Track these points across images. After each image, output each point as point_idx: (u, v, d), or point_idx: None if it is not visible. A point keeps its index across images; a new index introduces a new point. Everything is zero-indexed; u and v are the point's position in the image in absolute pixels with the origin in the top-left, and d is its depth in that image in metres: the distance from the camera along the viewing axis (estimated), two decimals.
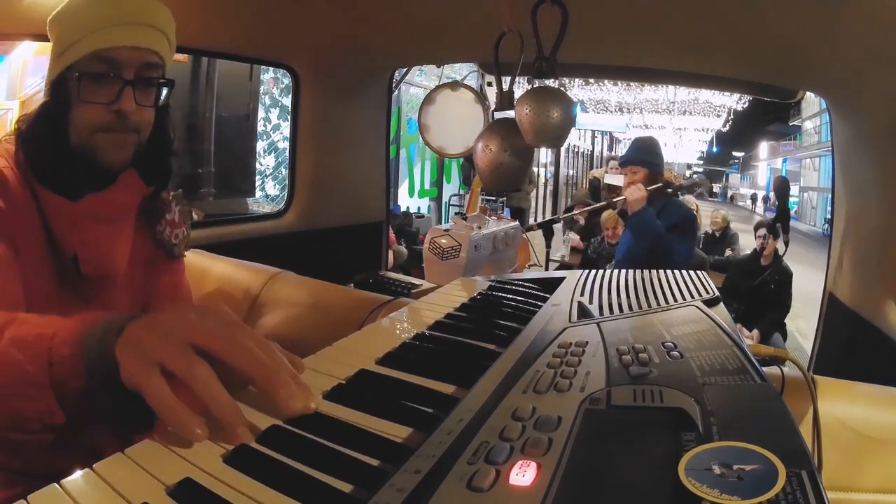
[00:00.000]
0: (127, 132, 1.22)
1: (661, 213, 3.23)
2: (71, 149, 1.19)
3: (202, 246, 2.24)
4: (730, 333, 0.80)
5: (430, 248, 2.32)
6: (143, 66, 1.21)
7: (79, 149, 1.19)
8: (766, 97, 3.39)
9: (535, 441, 0.54)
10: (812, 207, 30.49)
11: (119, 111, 1.18)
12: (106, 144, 1.20)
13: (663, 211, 3.26)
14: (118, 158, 1.23)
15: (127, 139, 1.23)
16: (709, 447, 0.50)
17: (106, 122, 1.19)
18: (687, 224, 3.31)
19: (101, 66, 1.17)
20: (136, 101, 1.20)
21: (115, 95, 1.18)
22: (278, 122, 7.54)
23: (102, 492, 0.54)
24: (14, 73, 4.91)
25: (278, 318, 1.84)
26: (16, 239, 1.12)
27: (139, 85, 1.21)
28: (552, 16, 1.56)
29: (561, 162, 20.22)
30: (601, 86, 13.25)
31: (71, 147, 1.19)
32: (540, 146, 1.79)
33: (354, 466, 0.59)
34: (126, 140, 1.23)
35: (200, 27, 2.27)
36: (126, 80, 1.18)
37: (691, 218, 3.42)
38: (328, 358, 0.88)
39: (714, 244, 8.31)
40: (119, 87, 1.18)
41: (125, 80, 1.18)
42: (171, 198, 1.45)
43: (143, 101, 1.23)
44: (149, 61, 1.22)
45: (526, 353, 0.81)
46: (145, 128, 1.26)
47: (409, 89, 10.34)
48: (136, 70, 1.20)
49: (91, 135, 1.19)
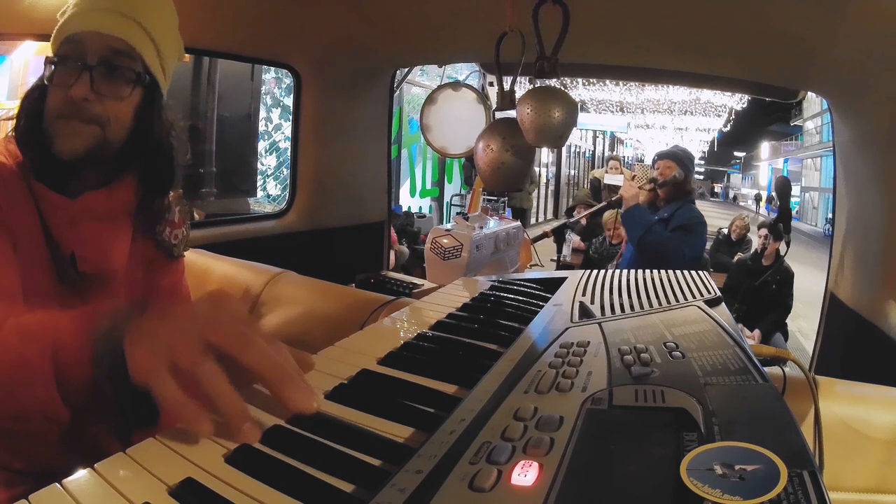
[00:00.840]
0: (83, 121, 1.17)
1: (675, 215, 3.50)
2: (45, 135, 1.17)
3: (204, 246, 2.25)
4: (731, 334, 0.80)
5: (432, 247, 2.32)
6: (107, 52, 1.17)
7: (47, 134, 1.17)
8: (767, 97, 3.40)
9: (537, 441, 0.54)
10: (813, 207, 30.47)
11: (70, 97, 1.14)
12: (61, 131, 1.16)
13: (676, 213, 3.51)
14: (69, 147, 1.17)
15: (81, 129, 1.17)
16: (710, 447, 0.50)
17: (62, 108, 1.16)
18: (694, 225, 3.50)
19: (68, 49, 1.16)
20: (94, 88, 1.16)
21: (74, 80, 1.15)
22: (280, 122, 7.55)
23: (104, 491, 0.55)
24: (15, 72, 4.91)
25: (280, 318, 1.84)
26: (14, 235, 1.12)
27: (101, 71, 1.17)
28: (554, 15, 1.56)
29: (562, 162, 20.27)
30: (602, 85, 13.23)
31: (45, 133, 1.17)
32: (541, 146, 1.78)
33: (356, 466, 0.59)
34: (80, 130, 1.17)
35: (202, 27, 2.27)
36: (87, 65, 1.15)
37: (700, 220, 3.57)
38: (330, 358, 0.88)
39: (728, 246, 8.32)
40: (77, 73, 1.15)
41: (85, 65, 1.15)
42: (171, 198, 1.44)
43: (106, 90, 1.18)
44: (115, 47, 1.18)
45: (528, 353, 0.81)
46: (112, 122, 1.20)
47: (411, 89, 10.36)
48: (99, 56, 1.16)
49: (54, 120, 1.16)
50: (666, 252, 3.36)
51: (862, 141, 2.25)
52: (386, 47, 2.90)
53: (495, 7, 1.61)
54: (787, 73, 2.47)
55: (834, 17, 1.73)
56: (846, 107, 2.33)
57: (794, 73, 2.43)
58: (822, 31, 1.85)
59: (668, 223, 3.53)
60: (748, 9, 1.86)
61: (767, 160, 41.03)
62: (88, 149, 1.18)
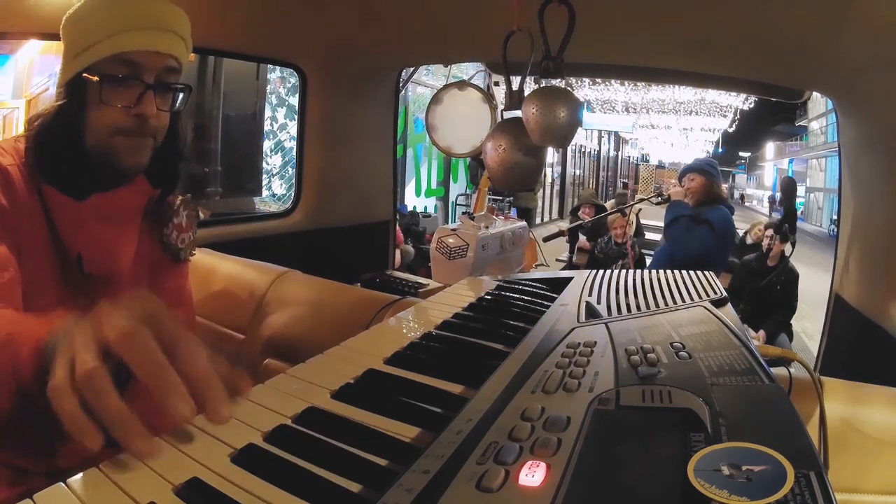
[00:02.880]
0: (145, 136, 1.22)
1: (708, 212, 3.97)
2: (86, 150, 1.19)
3: (209, 245, 2.25)
4: (738, 334, 0.80)
5: (438, 247, 2.33)
6: (162, 70, 1.21)
7: (95, 150, 1.19)
8: (772, 97, 3.41)
9: (545, 441, 0.54)
10: (818, 208, 30.36)
11: (140, 115, 1.18)
12: (124, 147, 1.20)
13: (707, 211, 3.98)
14: (135, 162, 1.23)
15: (144, 143, 1.23)
16: (718, 448, 0.50)
17: (126, 126, 1.18)
18: (718, 223, 3.92)
19: (123, 69, 1.17)
20: (156, 105, 1.20)
21: (136, 99, 1.18)
22: (285, 122, 7.55)
23: (109, 491, 0.55)
24: (20, 71, 4.92)
25: (285, 318, 1.84)
26: (20, 238, 1.13)
27: (159, 89, 1.21)
28: (559, 15, 1.56)
29: (568, 162, 20.25)
30: (608, 85, 13.22)
31: (86, 149, 1.19)
32: (546, 146, 1.78)
33: (363, 466, 0.59)
34: (143, 144, 1.23)
35: (208, 26, 2.27)
36: (147, 84, 1.18)
37: (725, 219, 4.01)
38: (336, 357, 0.88)
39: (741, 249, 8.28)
40: (140, 91, 1.18)
41: (146, 84, 1.18)
42: (179, 202, 1.45)
43: (162, 105, 1.22)
44: (168, 66, 1.22)
45: (534, 353, 0.81)
46: (161, 132, 1.26)
47: (416, 89, 10.36)
48: (156, 74, 1.20)
49: (110, 137, 1.19)
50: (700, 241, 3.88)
51: (867, 141, 2.25)
52: (392, 47, 2.90)
53: (502, 6, 1.61)
54: (792, 73, 2.47)
55: (839, 18, 1.73)
56: (851, 107, 2.33)
57: (800, 73, 2.43)
58: (827, 32, 1.85)
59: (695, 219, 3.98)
60: (753, 9, 1.86)
61: (772, 160, 40.89)
62: (148, 159, 1.25)
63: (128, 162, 1.22)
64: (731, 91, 10.74)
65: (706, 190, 4.09)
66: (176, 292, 1.48)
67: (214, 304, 1.96)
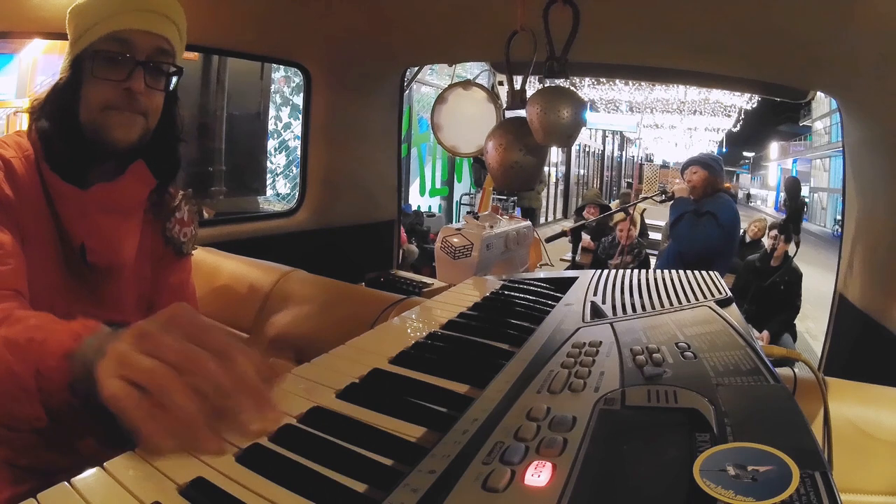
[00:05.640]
0: (135, 112, 1.25)
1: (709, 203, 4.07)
2: (80, 125, 1.22)
3: (213, 244, 2.25)
4: (743, 334, 0.80)
5: (443, 246, 2.32)
6: (154, 50, 1.25)
7: (87, 125, 1.22)
8: (776, 97, 3.40)
9: (551, 441, 0.54)
10: (822, 208, 30.33)
11: (129, 89, 1.21)
12: (114, 122, 1.23)
13: (708, 202, 4.08)
14: (124, 137, 1.25)
15: (134, 119, 1.25)
16: (723, 448, 0.50)
17: (116, 100, 1.22)
18: (721, 212, 4.03)
19: (116, 46, 1.21)
20: (146, 82, 1.23)
21: (127, 74, 1.21)
22: (289, 121, 7.55)
23: (113, 490, 0.55)
24: (24, 71, 4.92)
25: (289, 317, 1.84)
26: (24, 228, 1.15)
27: (149, 68, 1.25)
28: (564, 15, 1.56)
29: (572, 161, 20.24)
30: (612, 85, 13.22)
31: (80, 124, 1.22)
32: (550, 145, 1.78)
33: (368, 466, 0.60)
34: (133, 120, 1.25)
35: (212, 25, 2.28)
36: (138, 61, 1.22)
37: (728, 206, 4.14)
38: (341, 357, 0.89)
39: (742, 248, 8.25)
40: (131, 67, 1.21)
41: (137, 61, 1.22)
42: (181, 197, 1.47)
43: (153, 84, 1.26)
44: (160, 46, 1.26)
45: (540, 352, 0.81)
46: (153, 113, 1.29)
47: (421, 88, 10.36)
48: (147, 53, 1.23)
49: (101, 111, 1.22)
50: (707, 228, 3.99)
51: (871, 141, 2.25)
52: (396, 46, 2.90)
53: (506, 6, 1.61)
54: (796, 73, 2.46)
55: (843, 18, 1.72)
56: (855, 107, 2.33)
57: (804, 73, 2.42)
58: (831, 32, 1.85)
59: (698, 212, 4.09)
60: (758, 9, 1.86)
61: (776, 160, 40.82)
62: (140, 137, 1.28)
63: (117, 136, 1.23)
64: (736, 91, 10.73)
65: (709, 183, 4.13)
66: (180, 287, 1.50)
67: (219, 302, 1.96)
